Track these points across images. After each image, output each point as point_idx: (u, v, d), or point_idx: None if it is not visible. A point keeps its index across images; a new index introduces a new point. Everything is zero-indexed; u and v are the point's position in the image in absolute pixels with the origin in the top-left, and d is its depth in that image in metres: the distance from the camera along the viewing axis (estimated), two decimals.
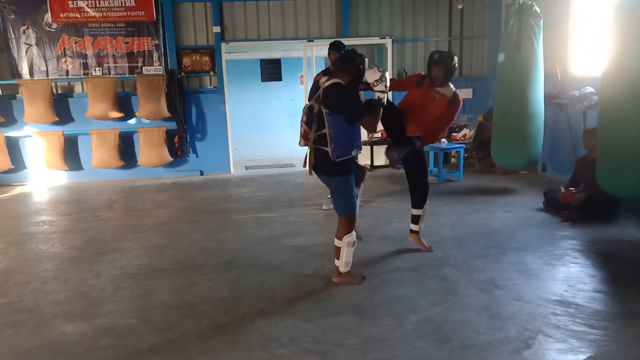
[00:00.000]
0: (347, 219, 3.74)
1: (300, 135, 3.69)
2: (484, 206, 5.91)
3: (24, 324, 3.43)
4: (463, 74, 9.15)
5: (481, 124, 8.06)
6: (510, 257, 4.26)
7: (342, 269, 3.81)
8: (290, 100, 10.70)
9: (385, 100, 3.74)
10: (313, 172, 3.75)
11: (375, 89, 3.66)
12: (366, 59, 3.74)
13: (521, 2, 6.07)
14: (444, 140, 7.63)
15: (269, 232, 5.29)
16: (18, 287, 4.06)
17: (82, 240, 5.28)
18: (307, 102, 3.79)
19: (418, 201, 4.48)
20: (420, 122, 4.23)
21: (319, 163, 3.64)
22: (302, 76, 10.68)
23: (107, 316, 3.49)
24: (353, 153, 3.63)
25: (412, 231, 4.57)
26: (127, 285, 4.03)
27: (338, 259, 3.81)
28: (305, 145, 3.67)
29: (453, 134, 8.20)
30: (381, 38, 8.76)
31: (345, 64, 3.61)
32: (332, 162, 3.56)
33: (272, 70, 10.63)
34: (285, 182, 8.05)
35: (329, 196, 6.30)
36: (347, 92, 3.55)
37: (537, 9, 6.05)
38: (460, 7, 7.46)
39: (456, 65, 4.31)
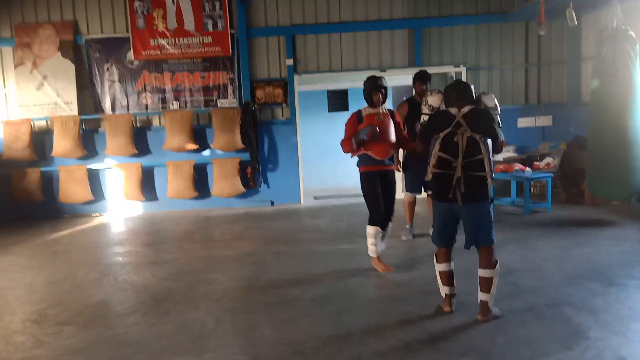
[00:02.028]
0: (493, 246, 3.63)
1: (433, 166, 3.58)
2: (585, 239, 5.53)
3: (134, 357, 3.39)
4: (542, 101, 8.83)
5: (566, 153, 7.69)
6: (636, 296, 3.90)
7: (492, 303, 3.59)
8: None
9: None
10: (440, 206, 3.68)
11: (495, 113, 3.74)
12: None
13: (615, 27, 5.81)
14: (527, 169, 7.32)
15: (357, 265, 5.12)
16: (120, 319, 4.06)
17: (171, 271, 5.29)
18: (435, 132, 3.65)
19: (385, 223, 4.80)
20: (385, 144, 4.60)
21: (471, 190, 3.50)
22: None
23: (215, 352, 3.40)
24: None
25: None
26: (227, 319, 3.94)
27: (486, 291, 3.56)
28: (434, 174, 3.58)
29: (535, 162, 7.86)
30: (455, 66, 8.62)
31: (466, 94, 3.65)
32: (484, 187, 3.50)
33: (339, 101, 10.67)
34: (358, 212, 7.85)
35: (408, 226, 6.10)
36: (491, 115, 3.63)
37: (632, 34, 5.76)
38: (542, 33, 7.24)
39: None
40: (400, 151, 5.89)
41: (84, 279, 5.17)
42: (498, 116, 3.77)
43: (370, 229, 4.73)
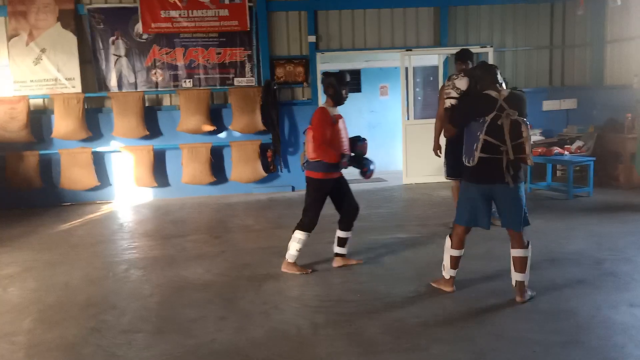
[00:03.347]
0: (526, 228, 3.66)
1: (478, 150, 3.47)
2: None
3: None
4: (565, 84, 8.70)
5: (600, 136, 7.57)
6: None
7: (527, 283, 3.66)
8: (369, 112, 10.29)
9: None
10: (476, 189, 3.63)
11: None
12: None
13: None
14: (567, 153, 7.17)
15: (430, 255, 4.75)
16: (196, 324, 3.58)
17: (224, 265, 4.82)
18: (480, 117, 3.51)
19: (351, 223, 4.53)
20: (340, 146, 4.44)
21: (515, 173, 3.52)
22: (383, 87, 10.30)
23: None
24: None
25: (338, 254, 4.57)
26: (322, 321, 3.54)
27: (522, 271, 3.61)
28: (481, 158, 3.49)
29: (566, 145, 7.71)
30: (482, 47, 8.33)
31: (497, 76, 3.61)
32: (522, 169, 3.55)
33: (351, 82, 10.19)
34: (391, 198, 7.59)
35: None
36: (525, 99, 3.60)
37: None
38: (580, 13, 7.06)
39: None
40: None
41: (126, 276, 4.64)
42: None
43: (302, 235, 4.42)
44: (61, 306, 4.02)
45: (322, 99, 8.41)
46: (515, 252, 3.62)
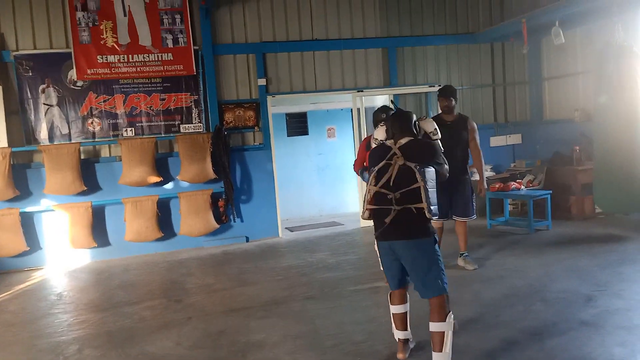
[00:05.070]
0: (445, 297, 3.12)
1: (369, 202, 3.23)
2: (619, 256, 5.42)
3: None
4: (509, 120, 9.00)
5: (549, 170, 7.81)
6: None
7: None
8: (317, 155, 10.06)
9: None
10: (381, 246, 3.31)
11: (434, 137, 3.51)
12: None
13: (619, 43, 5.97)
14: (523, 187, 7.30)
15: (425, 303, 4.49)
16: None
17: (196, 335, 4.24)
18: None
19: None
20: None
21: (407, 225, 3.10)
22: (330, 129, 10.18)
23: None
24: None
25: None
26: None
27: (439, 350, 3.04)
28: (370, 211, 3.25)
29: (517, 180, 7.87)
30: (430, 86, 8.47)
31: (408, 125, 3.41)
32: (423, 222, 3.11)
33: (297, 125, 10.00)
34: (354, 243, 7.30)
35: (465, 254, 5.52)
36: (431, 144, 3.42)
37: (638, 50, 5.96)
38: (525, 52, 7.37)
39: None
40: None
41: (81, 359, 3.94)
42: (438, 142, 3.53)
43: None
44: None
45: (275, 143, 8.13)
46: (432, 326, 3.08)
